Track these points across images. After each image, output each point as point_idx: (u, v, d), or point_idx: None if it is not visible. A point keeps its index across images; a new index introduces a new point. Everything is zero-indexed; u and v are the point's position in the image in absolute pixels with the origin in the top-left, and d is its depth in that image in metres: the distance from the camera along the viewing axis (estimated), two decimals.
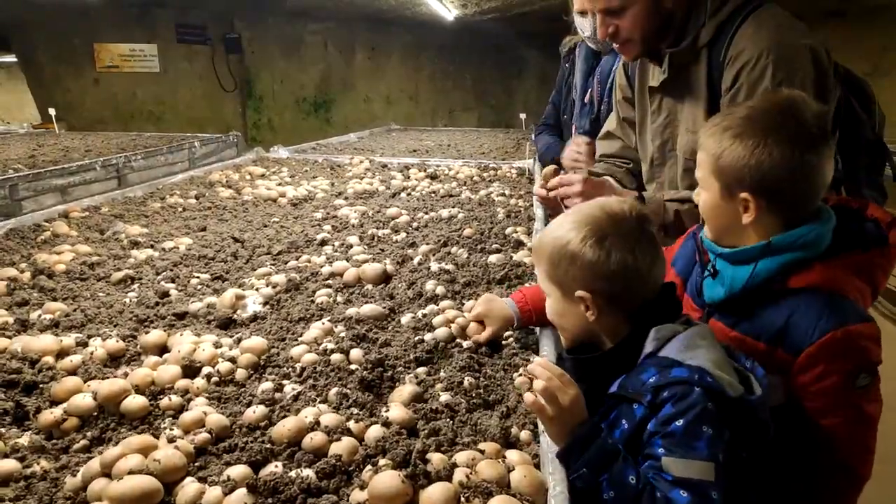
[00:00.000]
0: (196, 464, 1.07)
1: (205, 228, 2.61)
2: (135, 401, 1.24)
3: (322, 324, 1.59)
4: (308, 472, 1.00)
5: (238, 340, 1.50)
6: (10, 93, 11.85)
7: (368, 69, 8.70)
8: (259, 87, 8.64)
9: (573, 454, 0.99)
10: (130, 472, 1.00)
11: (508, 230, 2.49)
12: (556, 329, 1.36)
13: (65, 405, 1.24)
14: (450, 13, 7.13)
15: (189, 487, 0.99)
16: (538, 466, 1.07)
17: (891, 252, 1.24)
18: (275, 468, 1.02)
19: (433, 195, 3.23)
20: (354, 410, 1.21)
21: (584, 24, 2.56)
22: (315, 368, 1.37)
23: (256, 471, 1.04)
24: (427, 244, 2.31)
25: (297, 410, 1.21)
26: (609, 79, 2.57)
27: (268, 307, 1.78)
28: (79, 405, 1.23)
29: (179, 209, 2.96)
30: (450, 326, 1.58)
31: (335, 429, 1.10)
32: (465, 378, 1.36)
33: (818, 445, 1.19)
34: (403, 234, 2.48)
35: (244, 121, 8.64)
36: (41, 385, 1.33)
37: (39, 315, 1.68)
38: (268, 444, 1.08)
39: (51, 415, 1.21)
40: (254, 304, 1.78)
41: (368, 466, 1.01)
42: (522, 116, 5.89)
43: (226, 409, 1.25)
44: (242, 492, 0.97)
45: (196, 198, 3.15)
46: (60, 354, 1.45)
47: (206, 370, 1.37)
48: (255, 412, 1.20)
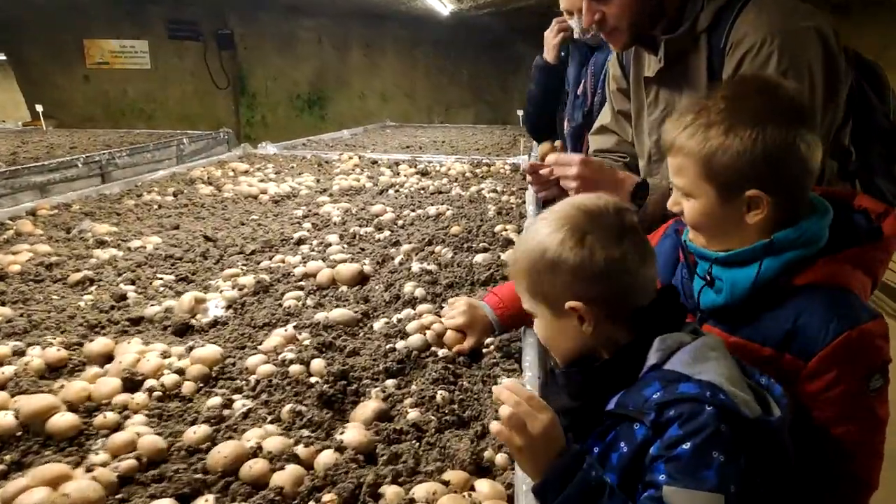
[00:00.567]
0: (118, 496, 0.93)
1: (178, 227, 2.47)
2: (63, 419, 1.10)
3: (285, 330, 1.45)
4: None
5: (190, 349, 1.36)
6: (6, 91, 11.72)
7: (363, 65, 8.55)
8: (252, 84, 8.50)
9: (550, 490, 0.85)
10: None
11: (498, 228, 2.35)
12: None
13: None
14: (445, 8, 6.98)
15: None
16: (512, 499, 0.93)
17: (888, 244, 1.13)
18: (205, 503, 0.89)
19: (422, 192, 3.09)
20: (305, 433, 1.06)
21: (573, 24, 2.47)
22: (270, 381, 1.23)
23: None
24: (410, 243, 2.17)
25: (244, 431, 1.07)
26: (602, 70, 2.43)
27: (231, 311, 1.64)
28: None
29: (155, 206, 2.82)
30: (425, 333, 1.44)
31: (279, 455, 0.96)
32: (439, 392, 1.22)
33: (827, 457, 1.07)
34: (387, 233, 2.34)
35: (237, 118, 8.50)
36: None
37: None
38: (200, 474, 0.94)
39: None
40: (215, 308, 1.64)
41: (312, 503, 0.87)
42: (520, 113, 5.75)
43: (166, 429, 1.11)
44: None
45: (174, 195, 3.02)
46: None
47: (150, 383, 1.23)
48: (197, 432, 1.06)
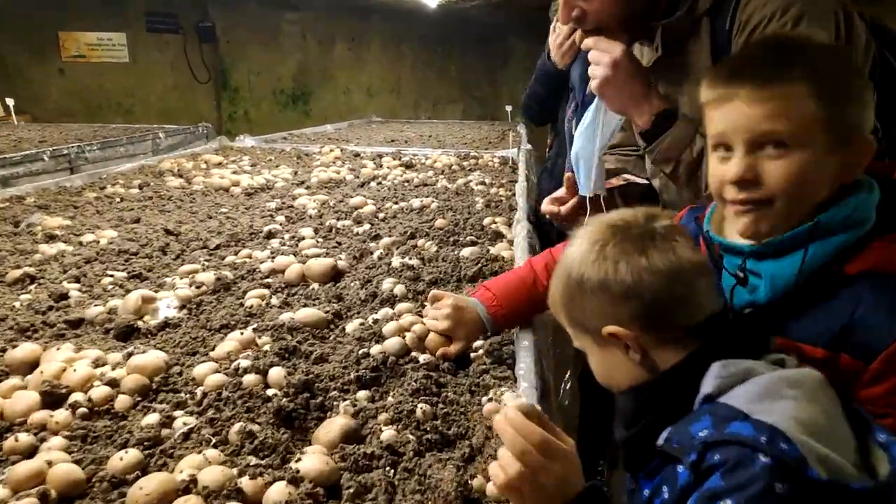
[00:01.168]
0: None
1: (138, 220, 2.27)
2: None
3: (241, 333, 1.26)
4: None
5: (128, 356, 1.17)
6: None
7: (348, 60, 8.33)
8: (234, 79, 8.25)
9: None
10: None
11: (486, 220, 2.17)
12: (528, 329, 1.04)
13: None
14: (432, 0, 6.81)
15: None
16: None
17: None
18: None
19: (406, 184, 2.91)
20: (253, 460, 0.87)
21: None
22: (219, 394, 1.05)
23: None
24: (392, 236, 1.98)
25: (182, 457, 0.88)
26: None
27: (184, 312, 1.45)
28: None
29: (117, 199, 2.62)
30: (404, 336, 1.26)
31: (218, 490, 0.77)
32: (419, 405, 1.04)
33: None
34: (367, 226, 2.16)
35: (219, 113, 8.25)
36: None
37: None
38: None
39: None
40: (167, 309, 1.44)
41: None
42: (508, 108, 5.58)
43: (89, 454, 0.92)
44: None
45: (139, 187, 2.81)
46: None
47: (75, 397, 1.03)
48: (124, 458, 0.87)
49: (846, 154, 0.88)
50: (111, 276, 1.66)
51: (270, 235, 2.05)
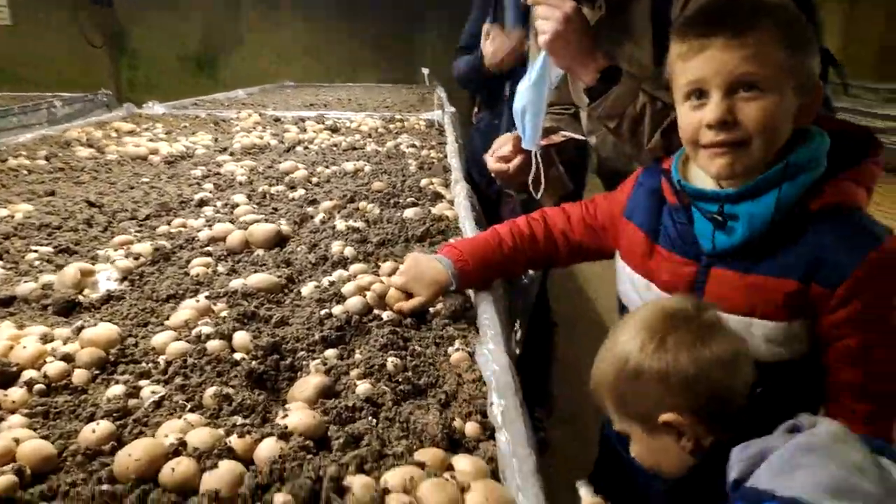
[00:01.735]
0: None
1: (53, 193, 2.12)
2: None
3: (196, 301, 1.23)
4: None
5: (79, 330, 1.12)
6: None
7: (258, 22, 7.97)
8: (133, 42, 7.72)
9: None
10: None
11: (423, 182, 2.18)
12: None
13: None
14: None
15: None
16: (495, 475, 0.80)
17: (878, 159, 1.07)
18: None
19: (334, 148, 2.86)
20: (238, 420, 0.87)
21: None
22: (185, 362, 1.02)
23: None
24: (331, 200, 1.96)
25: (159, 424, 0.87)
26: None
27: (126, 284, 1.39)
28: None
29: (24, 172, 2.43)
30: (364, 295, 1.27)
31: (209, 450, 0.77)
32: (389, 359, 1.06)
33: (864, 384, 1.01)
34: (301, 191, 2.12)
35: (117, 80, 7.72)
36: None
37: None
38: (106, 486, 0.74)
39: None
40: (107, 281, 1.38)
41: None
42: (425, 72, 5.56)
43: (54, 430, 0.88)
44: None
45: (46, 158, 2.61)
46: None
47: (29, 374, 0.98)
48: (96, 430, 0.84)
49: (806, 99, 0.96)
50: (36, 252, 1.56)
51: (202, 203, 1.98)
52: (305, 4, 8.01)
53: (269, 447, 0.78)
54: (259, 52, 8.08)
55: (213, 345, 1.06)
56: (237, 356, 1.05)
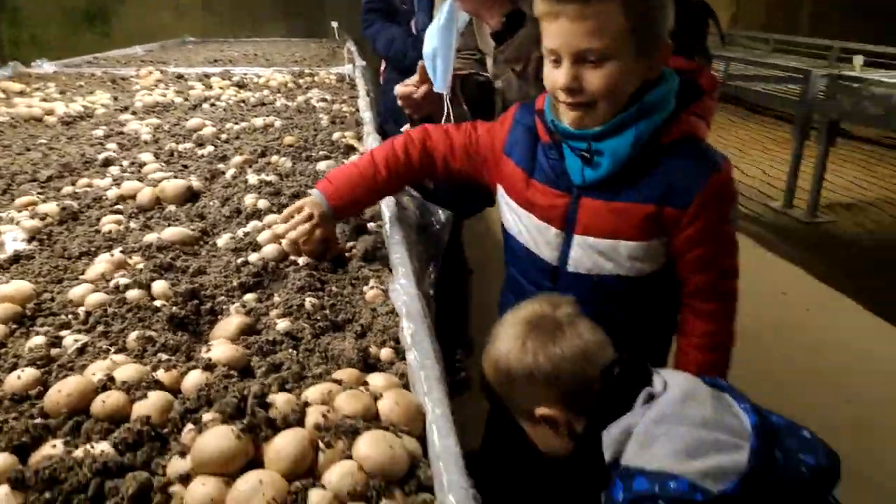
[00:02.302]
0: None
1: None
2: None
3: (111, 255, 1.25)
4: (102, 447, 0.73)
5: None
6: None
7: None
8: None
9: None
10: None
11: (336, 136, 2.21)
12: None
13: None
14: None
15: None
16: (407, 388, 0.89)
17: (712, 94, 1.24)
18: (52, 449, 0.74)
19: (242, 104, 2.82)
20: (164, 357, 0.93)
21: None
22: (105, 311, 1.06)
23: (24, 457, 0.74)
24: (241, 155, 1.97)
25: (85, 367, 0.91)
26: None
27: (35, 244, 1.38)
28: None
29: None
30: (280, 243, 1.33)
31: (137, 383, 0.83)
32: (307, 299, 1.13)
33: (713, 286, 1.20)
34: (210, 148, 2.11)
35: None
36: None
37: None
38: (39, 420, 0.78)
39: None
40: (14, 242, 1.36)
41: (189, 426, 0.76)
42: (334, 25, 5.44)
43: None
44: (3, 490, 0.68)
45: None
46: None
47: None
48: (22, 377, 0.88)
49: (651, 57, 1.08)
50: None
51: (107, 163, 1.94)
52: None
53: (195, 377, 0.85)
54: (153, 5, 7.62)
55: (133, 294, 1.10)
56: (157, 303, 1.09)
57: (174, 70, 3.65)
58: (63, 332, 1.01)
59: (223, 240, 1.39)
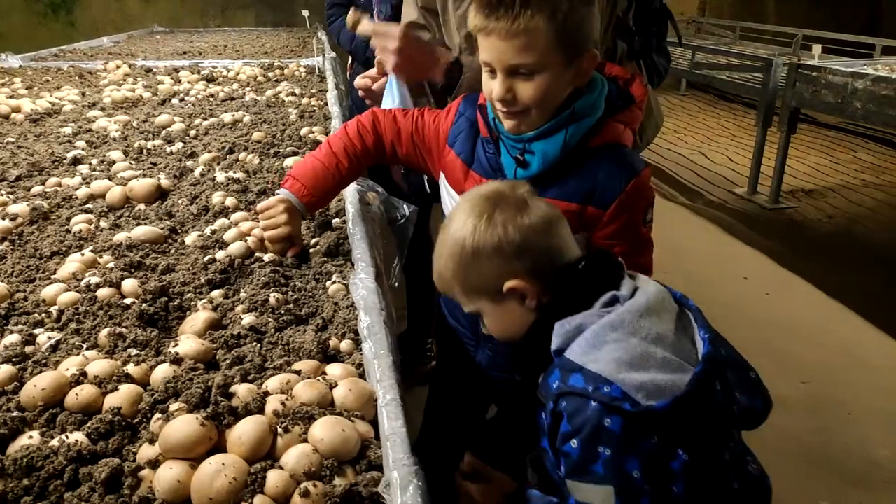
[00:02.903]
0: None
1: None
2: None
3: (82, 255, 1.29)
4: (77, 436, 0.79)
5: None
6: None
7: None
8: None
9: None
10: None
11: (304, 131, 2.26)
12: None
13: None
14: None
15: None
16: (363, 377, 0.96)
17: (640, 103, 1.31)
18: (29, 440, 0.79)
19: (211, 99, 2.85)
20: (134, 351, 0.99)
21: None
22: (77, 309, 1.11)
23: (3, 448, 0.80)
24: (209, 152, 2.01)
25: (59, 363, 0.96)
26: None
27: (7, 244, 1.42)
28: None
29: None
30: (246, 240, 1.38)
31: (109, 377, 0.89)
32: (271, 295, 1.19)
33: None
34: (179, 144, 2.14)
35: None
36: None
37: None
38: (16, 413, 0.84)
39: None
40: None
41: (157, 415, 0.82)
42: (305, 14, 5.43)
43: None
44: None
45: None
46: None
47: None
48: None
49: (578, 66, 1.16)
50: None
51: (76, 161, 1.97)
52: None
53: (164, 371, 0.91)
54: None
55: (103, 292, 1.15)
56: (127, 301, 1.15)
57: (142, 63, 3.65)
58: (37, 330, 1.07)
59: (191, 237, 1.44)
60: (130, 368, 0.91)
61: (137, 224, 1.51)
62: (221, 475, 0.72)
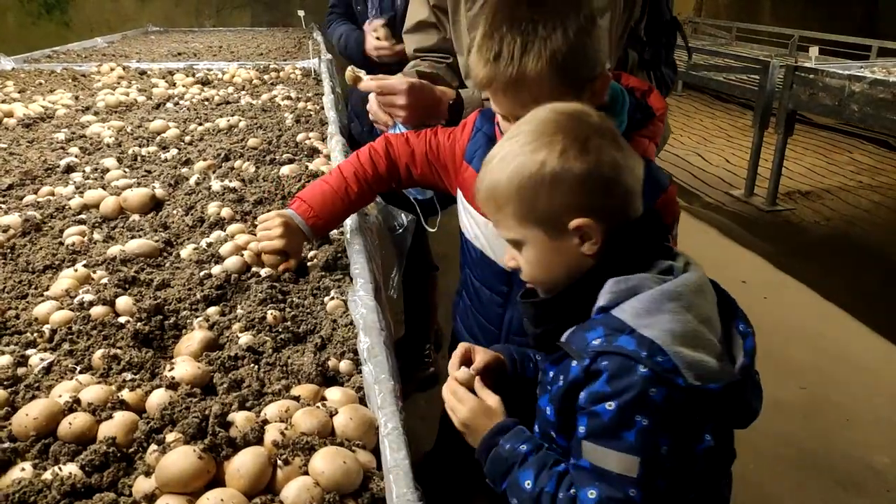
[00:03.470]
0: None
1: None
2: None
3: (75, 270, 1.27)
4: (70, 469, 0.77)
5: None
6: None
7: None
8: None
9: (481, 462, 0.94)
10: None
11: (300, 137, 2.24)
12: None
13: None
14: None
15: None
16: (363, 401, 0.95)
17: (661, 116, 1.30)
18: (21, 472, 0.77)
19: (206, 103, 2.82)
20: (129, 376, 0.96)
21: None
22: (70, 328, 1.09)
23: None
24: (205, 160, 1.99)
25: (51, 387, 0.94)
26: None
27: None
28: None
29: None
30: (242, 254, 1.36)
31: (103, 404, 0.86)
32: (269, 312, 1.17)
33: None
34: (174, 151, 2.12)
35: None
36: None
37: None
38: (7, 444, 0.82)
39: None
40: None
41: (153, 446, 0.80)
42: (301, 13, 5.40)
43: None
44: None
45: None
46: None
47: None
48: None
49: (591, 90, 1.14)
50: None
51: (69, 169, 1.94)
52: None
53: (159, 397, 0.89)
54: None
55: (97, 311, 1.13)
56: (122, 319, 1.12)
57: (137, 65, 3.61)
58: (29, 351, 1.04)
59: (186, 251, 1.42)
60: (125, 394, 0.89)
61: (132, 236, 1.49)
62: None
